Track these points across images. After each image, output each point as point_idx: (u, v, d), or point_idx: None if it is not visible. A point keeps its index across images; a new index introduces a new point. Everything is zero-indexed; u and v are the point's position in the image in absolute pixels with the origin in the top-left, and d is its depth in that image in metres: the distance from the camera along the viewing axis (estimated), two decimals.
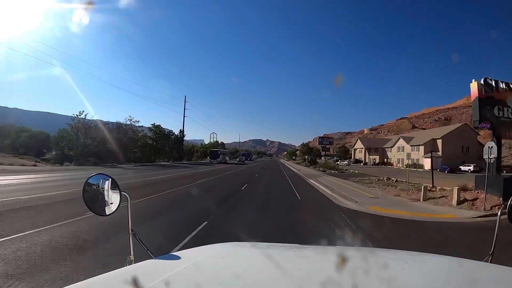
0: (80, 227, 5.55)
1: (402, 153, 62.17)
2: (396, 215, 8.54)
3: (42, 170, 22.53)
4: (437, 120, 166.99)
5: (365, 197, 12.16)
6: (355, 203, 10.50)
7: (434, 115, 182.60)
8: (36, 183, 13.08)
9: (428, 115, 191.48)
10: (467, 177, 20.26)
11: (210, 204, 8.97)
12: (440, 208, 9.69)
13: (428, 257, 1.35)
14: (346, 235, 5.82)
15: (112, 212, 1.32)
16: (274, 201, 11.20)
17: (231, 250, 1.37)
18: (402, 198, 12.03)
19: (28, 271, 3.41)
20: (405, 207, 9.93)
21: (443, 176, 28.45)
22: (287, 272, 0.92)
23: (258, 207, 9.51)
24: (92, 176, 1.34)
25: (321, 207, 10.17)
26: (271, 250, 1.35)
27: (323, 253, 1.34)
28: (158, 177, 19.03)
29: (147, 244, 1.32)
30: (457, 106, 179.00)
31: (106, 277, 0.89)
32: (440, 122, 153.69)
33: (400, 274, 0.97)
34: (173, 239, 5.11)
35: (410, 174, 16.68)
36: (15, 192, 9.49)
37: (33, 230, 5.09)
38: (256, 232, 5.88)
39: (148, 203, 8.94)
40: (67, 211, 6.82)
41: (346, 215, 8.27)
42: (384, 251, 1.68)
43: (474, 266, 1.13)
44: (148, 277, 0.83)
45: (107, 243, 4.60)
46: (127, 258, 1.21)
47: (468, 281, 0.92)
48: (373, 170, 39.66)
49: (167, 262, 1.07)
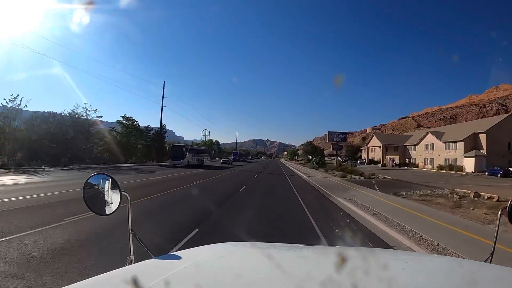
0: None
1: (431, 151, 50.21)
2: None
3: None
4: (442, 119, 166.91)
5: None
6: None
7: (438, 114, 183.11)
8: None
9: (432, 114, 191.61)
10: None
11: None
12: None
13: (428, 258, 1.47)
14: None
15: (112, 212, 1.30)
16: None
17: (231, 250, 1.36)
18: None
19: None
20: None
21: (503, 183, 22.35)
22: (287, 272, 0.92)
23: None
24: (92, 176, 1.33)
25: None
26: (271, 250, 1.33)
27: (323, 253, 1.36)
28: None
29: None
30: (460, 105, 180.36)
31: (106, 277, 0.89)
32: (445, 121, 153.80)
33: (400, 274, 0.96)
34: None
35: (454, 179, 14.42)
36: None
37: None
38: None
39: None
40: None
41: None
42: (384, 251, 1.73)
43: (474, 266, 1.13)
44: (148, 277, 0.82)
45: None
46: (127, 258, 1.18)
47: (468, 281, 0.91)
48: (406, 175, 29.70)
49: (167, 262, 1.06)
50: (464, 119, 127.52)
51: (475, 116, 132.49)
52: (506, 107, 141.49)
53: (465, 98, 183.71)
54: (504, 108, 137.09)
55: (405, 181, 21.97)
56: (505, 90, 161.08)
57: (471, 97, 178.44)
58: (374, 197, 11.73)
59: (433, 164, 47.64)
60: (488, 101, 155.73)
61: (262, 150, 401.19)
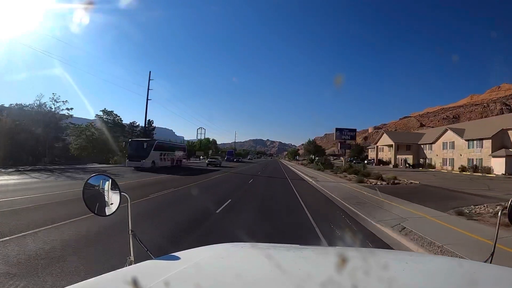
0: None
1: (451, 151, 43.76)
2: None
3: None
4: (445, 118, 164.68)
5: None
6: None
7: (440, 113, 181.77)
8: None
9: (433, 113, 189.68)
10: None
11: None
12: None
13: (428, 258, 1.43)
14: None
15: (112, 212, 1.29)
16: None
17: (231, 251, 1.35)
18: None
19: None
20: None
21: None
22: (287, 272, 0.91)
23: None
24: (92, 177, 1.32)
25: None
26: (271, 251, 1.32)
27: (323, 253, 1.33)
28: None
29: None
30: (461, 104, 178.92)
31: (106, 277, 0.89)
32: (448, 120, 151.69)
33: (400, 274, 0.95)
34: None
35: (493, 184, 11.02)
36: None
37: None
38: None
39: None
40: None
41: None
42: (384, 251, 1.69)
43: (474, 267, 1.12)
44: (148, 277, 0.83)
45: None
46: (127, 258, 1.18)
47: (468, 281, 0.90)
48: (430, 178, 25.19)
49: (167, 262, 1.06)
50: (467, 118, 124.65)
51: (479, 115, 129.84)
52: (509, 106, 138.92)
53: (466, 98, 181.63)
54: (508, 108, 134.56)
55: (439, 187, 17.44)
56: (507, 90, 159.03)
57: (473, 97, 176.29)
58: (433, 221, 7.23)
59: (454, 165, 41.57)
60: (491, 101, 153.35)
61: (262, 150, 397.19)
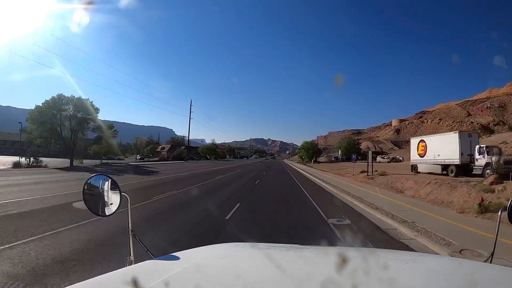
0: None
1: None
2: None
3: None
4: (490, 107, 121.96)
5: None
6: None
7: (485, 101, 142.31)
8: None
9: (479, 101, 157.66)
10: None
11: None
12: None
13: (428, 258, 1.38)
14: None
15: (112, 212, 1.28)
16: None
17: (231, 251, 1.35)
18: None
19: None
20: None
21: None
22: (287, 272, 0.91)
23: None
24: (92, 177, 1.31)
25: None
26: (271, 251, 1.32)
27: (323, 253, 1.32)
28: None
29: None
30: (477, 99, 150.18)
31: (106, 277, 0.89)
32: (493, 110, 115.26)
33: (400, 274, 0.95)
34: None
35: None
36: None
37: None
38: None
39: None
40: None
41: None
42: (384, 251, 1.67)
43: (475, 267, 1.12)
44: (148, 277, 0.83)
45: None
46: (127, 258, 1.18)
47: (468, 281, 0.90)
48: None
49: (167, 262, 1.06)
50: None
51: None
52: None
53: (485, 91, 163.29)
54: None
55: None
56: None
57: (491, 91, 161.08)
58: None
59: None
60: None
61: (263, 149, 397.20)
